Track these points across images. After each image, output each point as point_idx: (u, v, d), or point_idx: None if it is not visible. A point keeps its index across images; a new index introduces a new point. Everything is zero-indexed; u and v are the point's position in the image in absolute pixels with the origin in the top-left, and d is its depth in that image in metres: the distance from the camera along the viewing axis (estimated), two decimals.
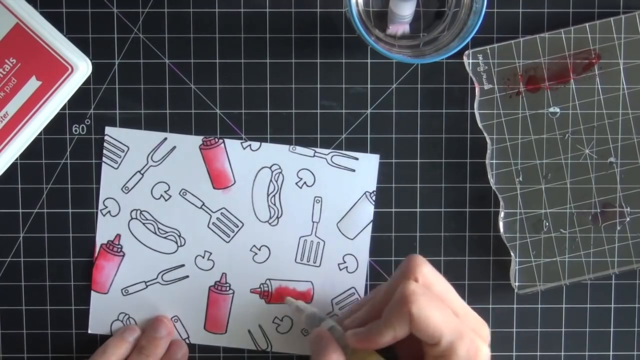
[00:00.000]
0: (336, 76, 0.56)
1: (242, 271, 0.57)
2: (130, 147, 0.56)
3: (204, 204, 0.56)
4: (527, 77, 0.55)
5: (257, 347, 0.57)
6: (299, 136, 0.56)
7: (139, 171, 0.56)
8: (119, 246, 0.57)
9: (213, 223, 0.57)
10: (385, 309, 0.47)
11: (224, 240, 0.57)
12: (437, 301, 0.46)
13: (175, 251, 0.57)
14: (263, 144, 0.56)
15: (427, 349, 0.46)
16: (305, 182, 0.56)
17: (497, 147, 0.56)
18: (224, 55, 0.56)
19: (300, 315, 0.54)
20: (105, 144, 0.56)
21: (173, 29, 0.56)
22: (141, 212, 0.56)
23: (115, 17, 0.55)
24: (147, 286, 0.57)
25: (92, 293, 0.57)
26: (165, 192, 0.56)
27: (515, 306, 0.57)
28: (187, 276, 0.57)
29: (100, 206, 0.56)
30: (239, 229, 0.57)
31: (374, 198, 0.57)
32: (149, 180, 0.56)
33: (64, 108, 0.56)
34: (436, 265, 0.57)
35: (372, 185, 0.57)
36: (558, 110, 0.56)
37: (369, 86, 0.56)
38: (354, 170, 0.56)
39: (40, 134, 0.55)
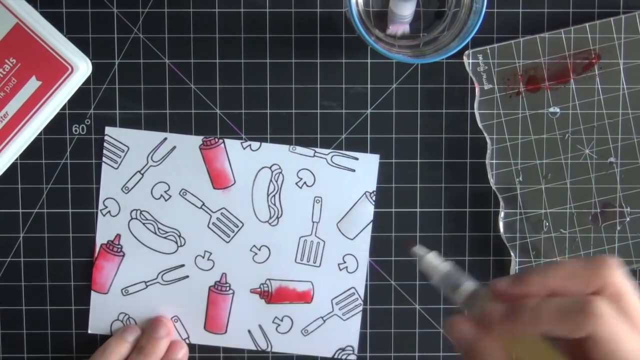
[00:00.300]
0: (336, 76, 0.56)
1: (242, 271, 0.57)
2: (130, 147, 0.56)
3: (204, 204, 0.56)
4: (527, 77, 0.55)
5: (257, 347, 0.57)
6: (299, 136, 0.56)
7: (139, 171, 0.56)
8: (119, 246, 0.57)
9: (213, 223, 0.57)
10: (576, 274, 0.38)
11: (224, 240, 0.57)
12: (629, 324, 0.37)
13: (175, 251, 0.57)
14: (263, 144, 0.56)
15: None
16: (305, 182, 0.56)
17: (497, 147, 0.56)
18: (224, 55, 0.56)
19: (431, 269, 0.42)
20: (105, 144, 0.56)
21: (173, 29, 0.56)
22: (141, 212, 0.56)
23: (115, 17, 0.55)
24: (147, 286, 0.57)
25: (92, 293, 0.57)
26: (165, 192, 0.56)
27: None
28: (187, 276, 0.57)
29: (100, 206, 0.56)
30: (239, 229, 0.57)
31: (374, 198, 0.57)
32: (149, 180, 0.56)
33: (64, 108, 0.56)
34: None
35: (372, 185, 0.57)
36: (558, 110, 0.56)
37: (369, 86, 0.56)
38: (354, 170, 0.56)
39: (40, 134, 0.55)
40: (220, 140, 0.56)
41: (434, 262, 0.42)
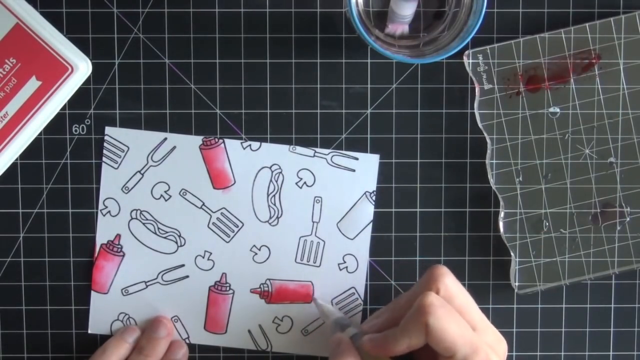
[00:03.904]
0: (336, 76, 0.56)
1: (242, 271, 0.57)
2: (130, 147, 0.56)
3: (204, 204, 0.56)
4: (527, 77, 0.55)
5: (257, 347, 0.57)
6: (299, 136, 0.56)
7: (139, 171, 0.56)
8: (119, 246, 0.57)
9: (213, 223, 0.57)
10: (403, 318, 0.47)
11: (224, 240, 0.57)
12: (454, 314, 0.46)
13: (175, 251, 0.57)
14: (263, 144, 0.56)
15: None
16: (305, 182, 0.56)
17: (497, 147, 0.56)
18: (224, 55, 0.56)
19: (327, 319, 0.54)
20: (105, 144, 0.56)
21: (173, 29, 0.56)
22: (141, 212, 0.56)
23: (115, 17, 0.55)
24: (147, 286, 0.57)
25: (92, 293, 0.57)
26: (165, 192, 0.56)
27: (515, 306, 0.57)
28: (187, 276, 0.57)
29: (100, 206, 0.56)
30: (239, 229, 0.57)
31: (374, 198, 0.57)
32: (149, 180, 0.56)
33: (64, 108, 0.56)
34: None
35: (372, 185, 0.57)
36: (558, 110, 0.56)
37: (369, 86, 0.56)
38: (354, 170, 0.56)
39: (40, 134, 0.55)
40: (220, 140, 0.56)
41: (328, 311, 0.54)
